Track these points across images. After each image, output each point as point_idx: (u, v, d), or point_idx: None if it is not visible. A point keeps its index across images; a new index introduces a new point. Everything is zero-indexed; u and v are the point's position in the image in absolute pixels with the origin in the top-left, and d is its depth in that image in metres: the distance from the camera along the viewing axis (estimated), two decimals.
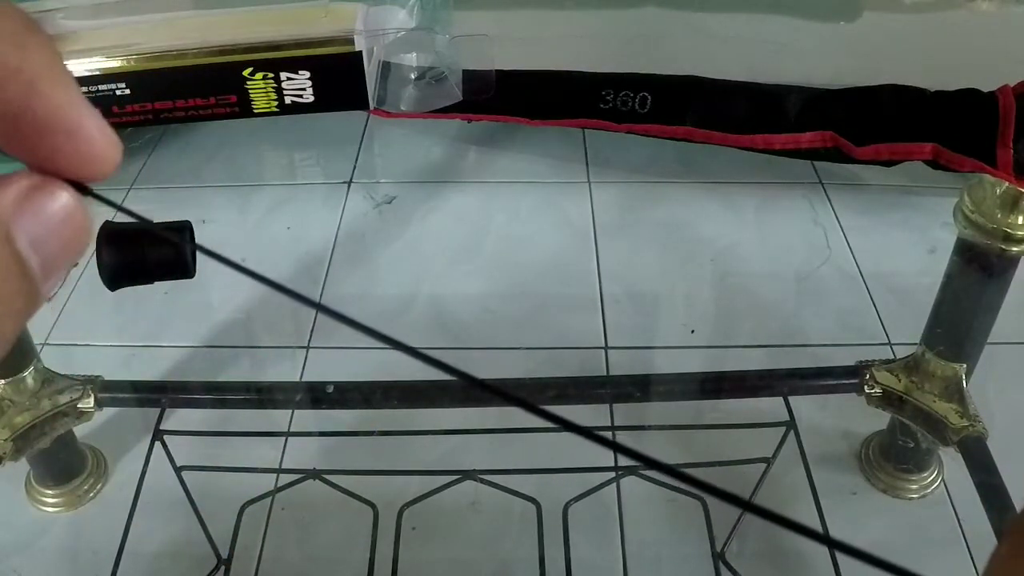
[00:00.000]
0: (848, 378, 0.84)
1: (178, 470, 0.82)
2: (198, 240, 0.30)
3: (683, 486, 0.85)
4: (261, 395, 0.89)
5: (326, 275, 1.17)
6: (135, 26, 0.48)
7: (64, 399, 0.82)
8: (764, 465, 0.83)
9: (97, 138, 0.19)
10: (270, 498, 0.87)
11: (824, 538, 0.17)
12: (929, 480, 0.90)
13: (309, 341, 1.08)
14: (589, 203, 1.28)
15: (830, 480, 0.90)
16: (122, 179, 1.31)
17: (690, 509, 0.85)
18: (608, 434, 0.94)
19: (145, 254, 0.29)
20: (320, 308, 0.20)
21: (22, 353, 0.82)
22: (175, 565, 0.85)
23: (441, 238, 1.24)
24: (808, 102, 0.68)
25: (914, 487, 0.90)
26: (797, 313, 1.11)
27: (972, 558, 0.84)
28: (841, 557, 0.75)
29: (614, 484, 0.88)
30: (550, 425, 0.17)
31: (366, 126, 1.44)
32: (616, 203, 1.28)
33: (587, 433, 0.17)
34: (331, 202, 1.29)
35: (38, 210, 0.18)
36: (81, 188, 0.19)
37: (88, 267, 1.33)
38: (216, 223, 1.25)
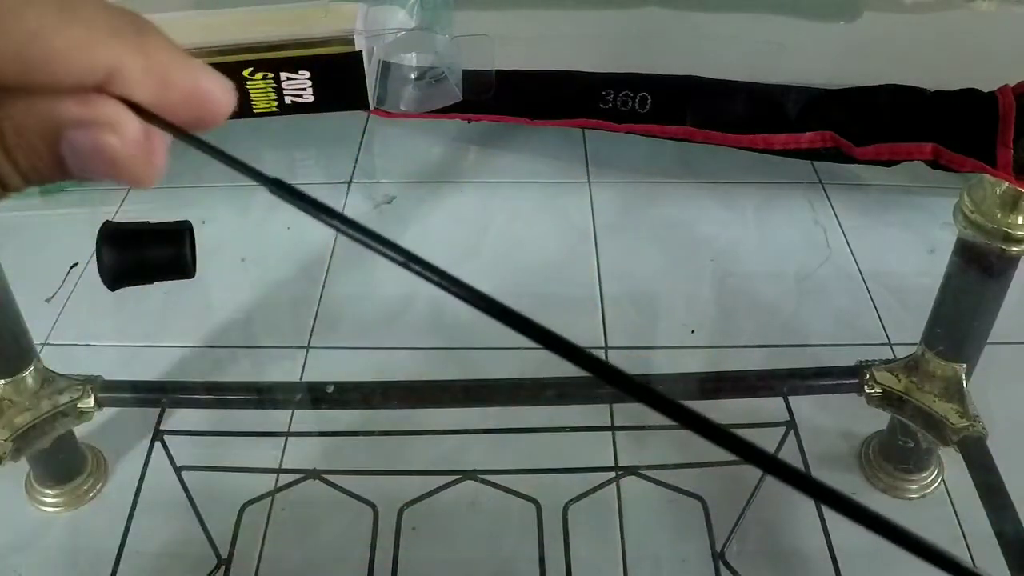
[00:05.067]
0: (848, 378, 0.84)
1: (178, 470, 0.82)
2: (198, 242, 0.30)
3: (682, 486, 0.85)
4: (261, 395, 0.89)
5: (326, 275, 1.17)
6: None
7: (64, 399, 0.82)
8: None
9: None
10: (270, 498, 0.87)
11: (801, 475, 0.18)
12: (929, 480, 0.90)
13: (309, 341, 1.08)
14: (589, 203, 1.28)
15: (830, 480, 0.88)
16: None
17: (690, 509, 0.85)
18: (608, 434, 0.94)
19: (145, 254, 0.29)
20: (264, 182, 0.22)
21: (22, 353, 0.82)
22: (175, 565, 0.85)
23: (441, 238, 1.24)
24: (808, 102, 0.68)
25: (914, 487, 0.90)
26: (797, 313, 1.11)
27: (972, 558, 0.84)
28: (842, 557, 0.75)
29: (614, 484, 0.88)
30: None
31: (366, 126, 1.44)
32: (616, 203, 1.28)
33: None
34: (331, 202, 1.25)
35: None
36: (185, 135, 0.22)
37: (88, 267, 1.33)
38: (216, 223, 1.25)
